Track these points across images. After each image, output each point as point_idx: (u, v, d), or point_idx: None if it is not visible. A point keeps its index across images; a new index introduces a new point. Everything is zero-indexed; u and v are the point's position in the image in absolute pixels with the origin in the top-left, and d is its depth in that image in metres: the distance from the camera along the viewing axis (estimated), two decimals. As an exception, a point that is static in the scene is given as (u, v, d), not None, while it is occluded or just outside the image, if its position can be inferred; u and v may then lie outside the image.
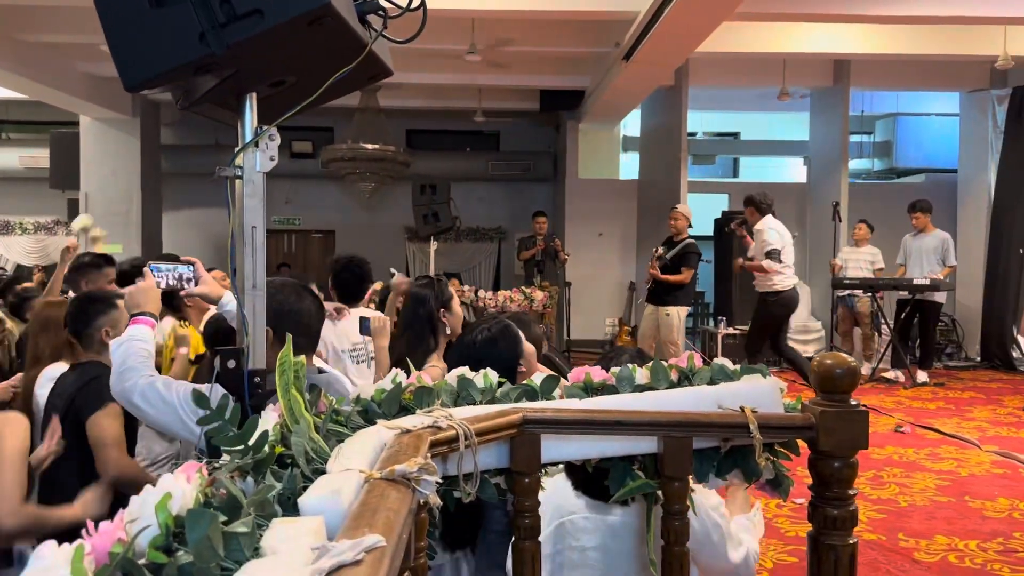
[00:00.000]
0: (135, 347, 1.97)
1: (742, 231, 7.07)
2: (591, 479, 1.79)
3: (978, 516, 3.85)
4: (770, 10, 6.85)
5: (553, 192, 12.61)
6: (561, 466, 1.88)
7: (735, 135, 13.98)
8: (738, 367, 1.76)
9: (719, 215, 10.63)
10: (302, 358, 1.22)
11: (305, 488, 1.02)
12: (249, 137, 1.56)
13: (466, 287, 8.93)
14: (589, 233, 11.31)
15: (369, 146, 9.93)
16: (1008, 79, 9.44)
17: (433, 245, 9.10)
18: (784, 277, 6.67)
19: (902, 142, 11.69)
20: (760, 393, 1.67)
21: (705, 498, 1.83)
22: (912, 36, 8.41)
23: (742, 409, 1.61)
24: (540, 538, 1.66)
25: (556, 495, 1.87)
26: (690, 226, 7.31)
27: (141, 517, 0.77)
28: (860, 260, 8.48)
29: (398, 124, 12.16)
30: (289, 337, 1.27)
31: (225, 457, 1.05)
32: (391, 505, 0.96)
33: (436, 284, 2.96)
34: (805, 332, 9.78)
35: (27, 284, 5.00)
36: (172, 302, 3.36)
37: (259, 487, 0.95)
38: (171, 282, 2.17)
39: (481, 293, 8.68)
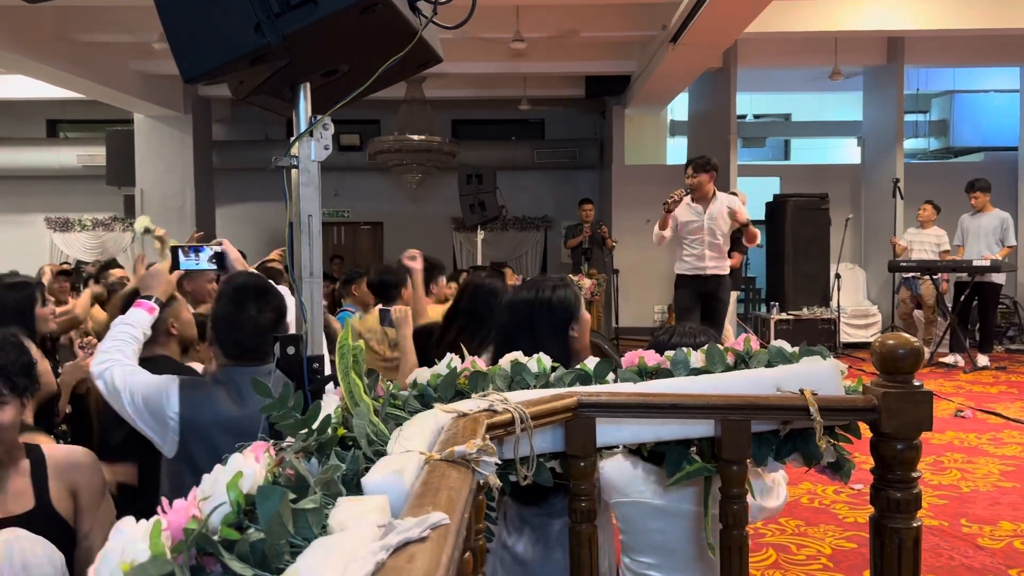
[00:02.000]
0: (119, 330, 2.08)
1: None
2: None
3: (1045, 502, 3.74)
4: (821, -13, 6.70)
5: (600, 179, 12.53)
6: (616, 450, 1.88)
7: (786, 117, 13.70)
8: (796, 349, 1.73)
9: (770, 199, 10.45)
10: (360, 342, 1.23)
11: (367, 469, 1.03)
12: (304, 126, 1.57)
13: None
14: (637, 220, 11.20)
15: (415, 137, 9.99)
16: (1072, 51, 9.10)
17: (480, 234, 9.15)
18: None
19: (959, 120, 11.34)
20: (820, 375, 1.64)
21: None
22: (968, 10, 8.15)
23: (801, 392, 1.59)
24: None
25: (617, 476, 1.87)
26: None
27: (213, 495, 0.79)
28: (925, 242, 8.23)
29: (444, 114, 12.20)
30: (348, 323, 1.29)
31: (290, 439, 1.08)
32: (452, 484, 0.97)
33: (497, 274, 3.00)
34: (864, 316, 9.58)
35: (118, 272, 5.03)
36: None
37: (325, 467, 0.97)
38: (202, 264, 2.24)
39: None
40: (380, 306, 3.88)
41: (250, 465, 0.84)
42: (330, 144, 1.60)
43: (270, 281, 2.16)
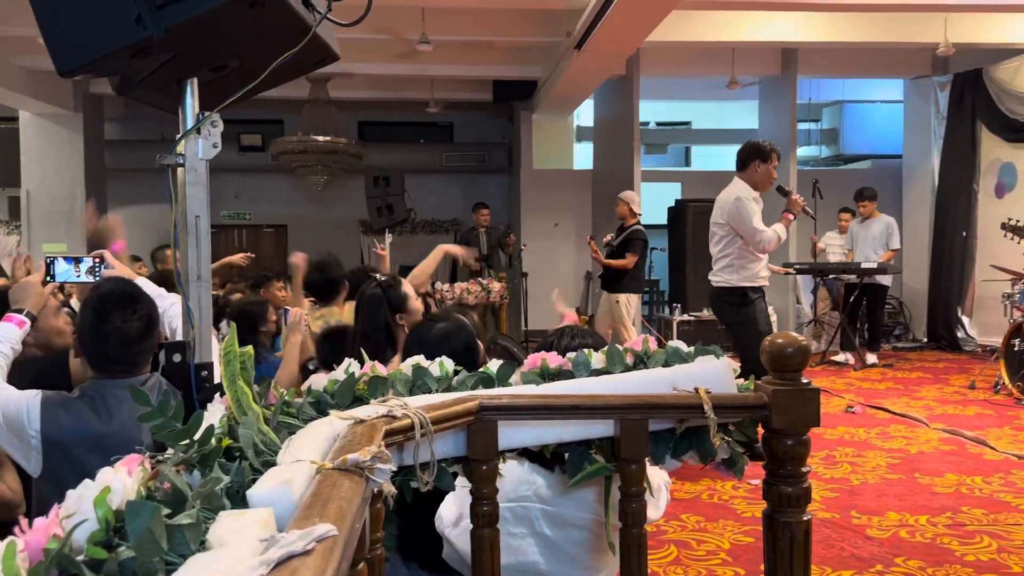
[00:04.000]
0: None
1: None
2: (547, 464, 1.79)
3: (927, 492, 3.95)
4: (719, -1, 6.92)
5: (508, 183, 12.60)
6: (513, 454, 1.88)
7: (687, 124, 14.09)
8: (692, 349, 1.77)
9: (672, 203, 10.73)
10: (248, 348, 1.19)
11: (255, 480, 0.99)
12: (191, 124, 1.51)
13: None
14: (545, 223, 11.33)
15: (320, 138, 9.81)
16: (949, 66, 9.68)
17: (388, 238, 9.03)
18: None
19: (848, 129, 11.91)
20: (714, 374, 1.68)
21: None
22: (856, 24, 8.57)
23: (696, 390, 1.62)
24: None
25: (511, 480, 1.86)
26: (638, 213, 7.33)
27: (78, 512, 0.74)
28: (839, 247, 8.74)
29: (350, 116, 12.01)
30: (233, 326, 1.24)
31: (170, 451, 1.02)
32: (343, 494, 0.94)
33: (388, 289, 2.86)
34: (758, 317, 9.92)
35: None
36: None
37: (204, 479, 0.92)
38: (80, 277, 2.13)
39: (438, 285, 8.65)
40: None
41: (120, 480, 0.79)
42: (219, 142, 1.54)
43: (156, 286, 2.07)
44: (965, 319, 9.37)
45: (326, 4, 1.54)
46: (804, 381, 1.60)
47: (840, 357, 8.23)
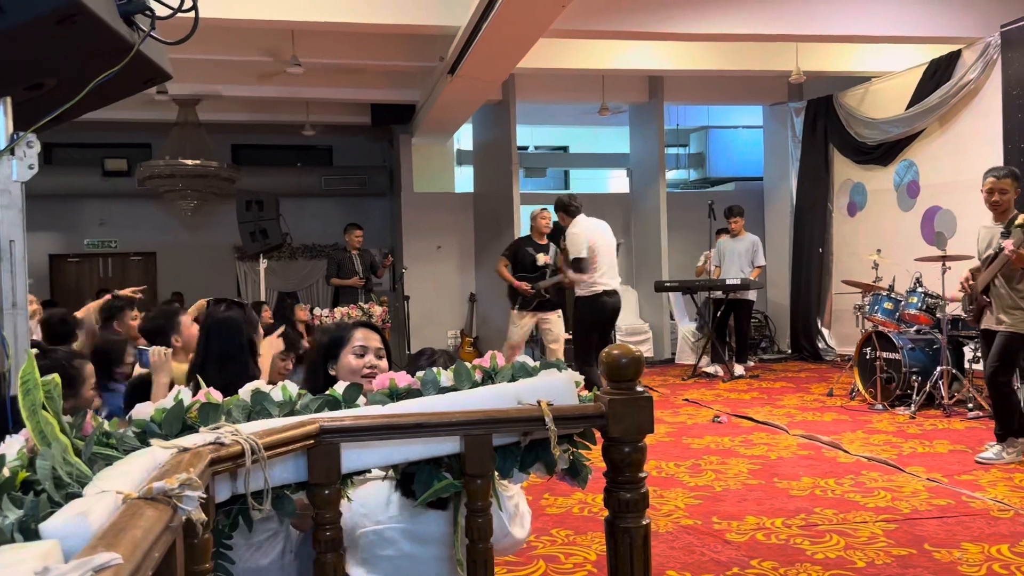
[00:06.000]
0: None
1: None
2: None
3: (784, 495, 4.15)
4: (586, 27, 7.14)
5: (390, 206, 12.53)
6: (367, 476, 1.86)
7: (565, 148, 14.44)
8: (537, 364, 1.81)
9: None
10: (54, 376, 1.13)
11: (52, 514, 0.95)
12: (3, 144, 1.44)
13: (302, 305, 8.71)
14: (427, 246, 11.32)
15: (189, 162, 9.49)
16: (803, 92, 10.34)
17: (263, 263, 8.79)
18: (589, 282, 6.47)
19: (714, 153, 12.50)
20: (556, 387, 1.72)
21: (503, 489, 1.87)
22: (717, 53, 9.03)
23: (539, 403, 1.66)
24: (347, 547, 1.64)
25: (365, 505, 1.85)
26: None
27: None
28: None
29: (223, 139, 11.69)
30: (31, 353, 1.18)
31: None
32: (142, 524, 0.91)
33: (246, 309, 2.84)
34: (637, 333, 10.23)
35: None
36: None
37: (-24, 512, 0.87)
38: None
39: (317, 311, 8.49)
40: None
41: None
42: (36, 163, 1.47)
43: None
44: (825, 331, 9.96)
45: (149, 22, 1.50)
46: (639, 390, 1.67)
47: (710, 369, 8.57)
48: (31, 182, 1.52)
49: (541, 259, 7.17)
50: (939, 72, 8.23)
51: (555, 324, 7.13)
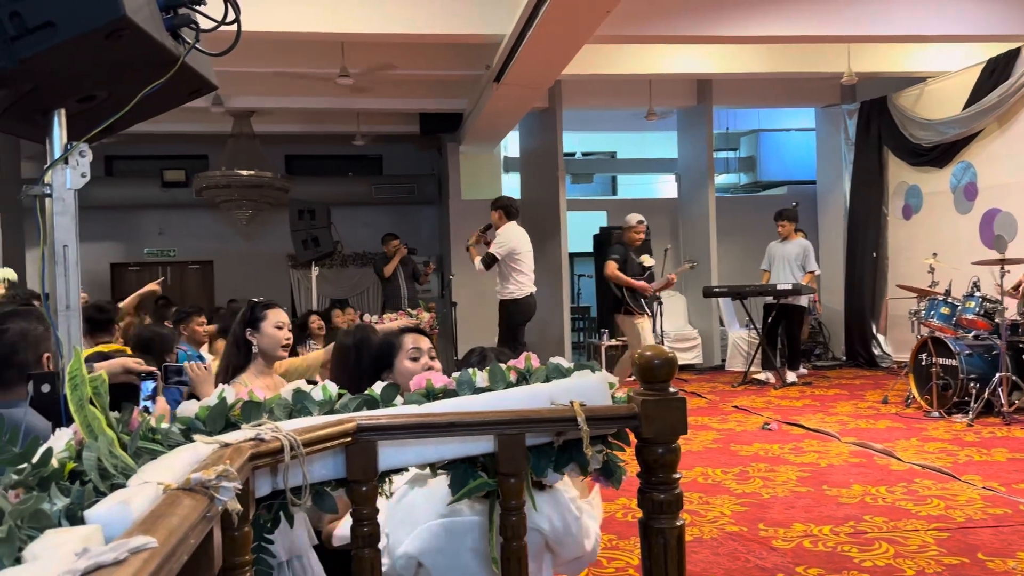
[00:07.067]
0: None
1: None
2: None
3: (833, 503, 4.07)
4: (632, 32, 7.13)
5: (438, 214, 12.65)
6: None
7: (612, 154, 14.40)
8: (571, 365, 1.82)
9: (597, 231, 10.91)
10: (101, 372, 1.19)
11: (97, 503, 1.00)
12: (58, 153, 1.52)
13: (353, 312, 8.86)
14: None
15: (244, 172, 9.73)
16: (856, 94, 10.14)
17: (315, 271, 8.98)
18: (520, 286, 6.93)
19: (764, 157, 12.33)
20: (589, 388, 1.74)
21: (566, 490, 1.88)
22: (767, 55, 8.92)
23: (571, 403, 1.68)
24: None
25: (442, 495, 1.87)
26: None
27: None
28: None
29: (276, 150, 11.94)
30: (78, 350, 1.24)
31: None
32: (179, 512, 0.95)
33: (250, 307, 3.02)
34: (685, 340, 10.13)
35: None
36: None
37: (24, 497, 0.93)
38: None
39: (367, 318, 8.62)
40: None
41: (-71, 499, 0.79)
42: (87, 171, 1.54)
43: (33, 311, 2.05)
44: (880, 337, 9.73)
45: (194, 35, 1.56)
46: (672, 391, 1.67)
47: (761, 376, 8.45)
48: (93, 193, 1.61)
49: (647, 261, 7.57)
50: (997, 71, 8.01)
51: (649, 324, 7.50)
